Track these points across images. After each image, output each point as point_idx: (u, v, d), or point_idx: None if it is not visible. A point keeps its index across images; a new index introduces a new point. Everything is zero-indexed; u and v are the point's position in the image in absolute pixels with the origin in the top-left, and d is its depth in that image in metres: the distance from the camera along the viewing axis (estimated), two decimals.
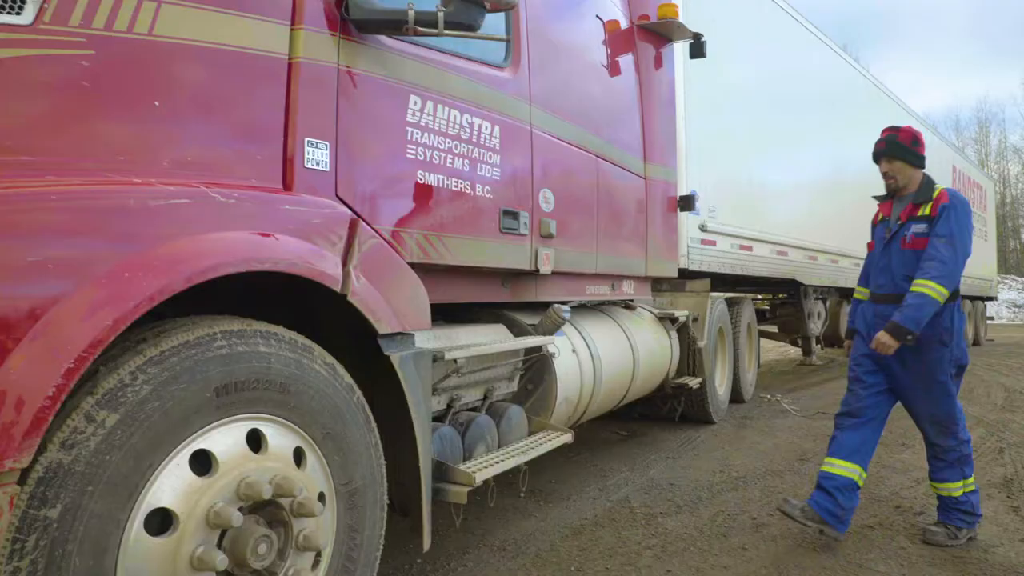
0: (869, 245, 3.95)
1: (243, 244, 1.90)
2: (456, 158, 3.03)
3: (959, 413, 3.60)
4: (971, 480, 3.61)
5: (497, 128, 3.29)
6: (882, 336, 3.44)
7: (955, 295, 3.52)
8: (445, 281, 3.12)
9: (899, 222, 3.66)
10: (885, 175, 3.71)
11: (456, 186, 3.04)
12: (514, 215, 3.39)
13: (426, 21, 2.47)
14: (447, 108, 2.97)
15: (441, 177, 2.95)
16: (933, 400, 3.57)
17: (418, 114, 2.83)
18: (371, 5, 2.46)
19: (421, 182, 2.85)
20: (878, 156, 3.71)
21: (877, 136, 3.76)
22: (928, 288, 3.37)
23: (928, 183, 3.64)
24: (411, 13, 2.44)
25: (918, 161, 3.66)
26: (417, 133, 2.83)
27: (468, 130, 3.10)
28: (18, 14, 1.68)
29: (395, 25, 2.50)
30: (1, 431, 1.39)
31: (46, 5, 1.72)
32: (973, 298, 17.42)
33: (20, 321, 1.44)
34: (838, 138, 10.13)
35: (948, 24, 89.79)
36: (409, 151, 2.80)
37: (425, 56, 2.89)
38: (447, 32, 2.49)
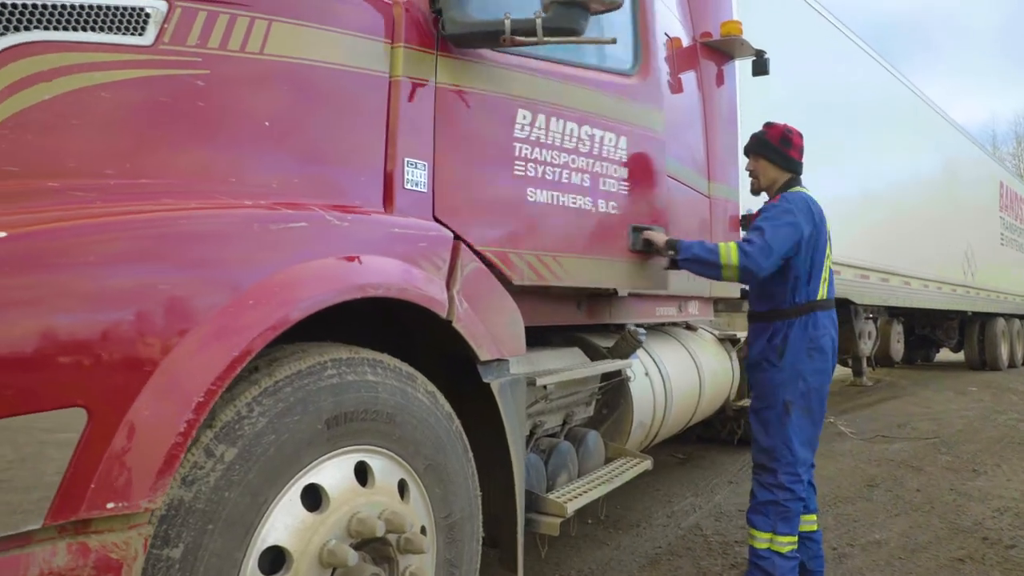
0: None
1: (360, 270, 1.83)
2: (574, 173, 2.86)
3: (789, 455, 3.11)
4: (783, 540, 3.08)
5: (623, 139, 3.09)
6: (654, 232, 3.24)
7: (795, 311, 3.15)
8: (526, 304, 3.02)
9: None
10: (750, 173, 3.45)
11: (574, 203, 2.86)
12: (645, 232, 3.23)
13: (524, 30, 2.31)
14: (562, 121, 2.81)
15: (556, 194, 2.79)
16: (761, 424, 3.20)
17: (528, 128, 2.68)
18: (466, 19, 2.36)
19: (531, 200, 2.70)
20: (746, 152, 3.47)
21: (925, 150, 3.55)
22: (725, 246, 3.11)
23: (787, 185, 3.32)
24: (507, 23, 2.31)
25: (784, 162, 3.33)
26: (527, 148, 2.68)
27: (588, 143, 2.93)
28: (140, 35, 1.64)
29: (492, 37, 2.37)
30: (135, 470, 1.33)
31: (166, 26, 1.68)
32: (1022, 317, 16.94)
33: (150, 353, 1.38)
34: (886, 153, 9.90)
35: (981, 40, 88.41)
36: (517, 168, 2.65)
37: (537, 67, 2.75)
38: (547, 40, 2.34)
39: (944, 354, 17.13)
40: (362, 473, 1.92)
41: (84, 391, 1.28)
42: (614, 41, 2.57)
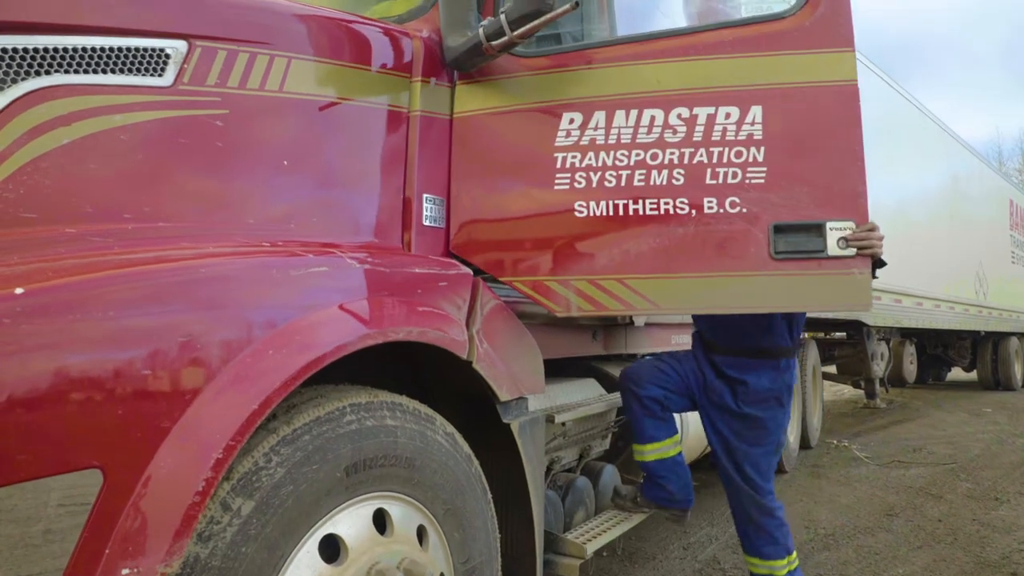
0: None
1: (381, 314, 1.78)
2: (654, 171, 2.27)
3: (771, 485, 3.02)
4: (794, 556, 2.99)
5: (757, 110, 2.24)
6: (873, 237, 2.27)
7: (793, 352, 2.98)
8: (541, 336, 2.96)
9: None
10: None
11: (654, 209, 2.26)
12: (815, 229, 2.20)
13: (495, 32, 2.10)
14: (634, 111, 2.29)
15: (622, 202, 2.27)
16: (754, 466, 2.96)
17: (576, 133, 2.31)
18: (456, 43, 2.26)
19: (581, 215, 2.29)
20: None
21: (933, 168, 3.43)
22: None
23: None
24: (481, 31, 2.12)
25: None
26: (574, 157, 2.29)
27: (684, 128, 2.27)
28: (160, 76, 1.61)
29: (479, 52, 2.21)
30: (152, 533, 1.27)
31: (186, 66, 1.65)
32: None
33: (168, 409, 1.33)
34: (894, 171, 9.80)
35: (983, 56, 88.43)
36: (560, 182, 2.30)
37: (596, 57, 2.37)
38: (517, 36, 2.07)
39: (955, 373, 16.98)
40: (380, 521, 1.87)
41: (100, 451, 1.23)
42: (576, 6, 1.99)
